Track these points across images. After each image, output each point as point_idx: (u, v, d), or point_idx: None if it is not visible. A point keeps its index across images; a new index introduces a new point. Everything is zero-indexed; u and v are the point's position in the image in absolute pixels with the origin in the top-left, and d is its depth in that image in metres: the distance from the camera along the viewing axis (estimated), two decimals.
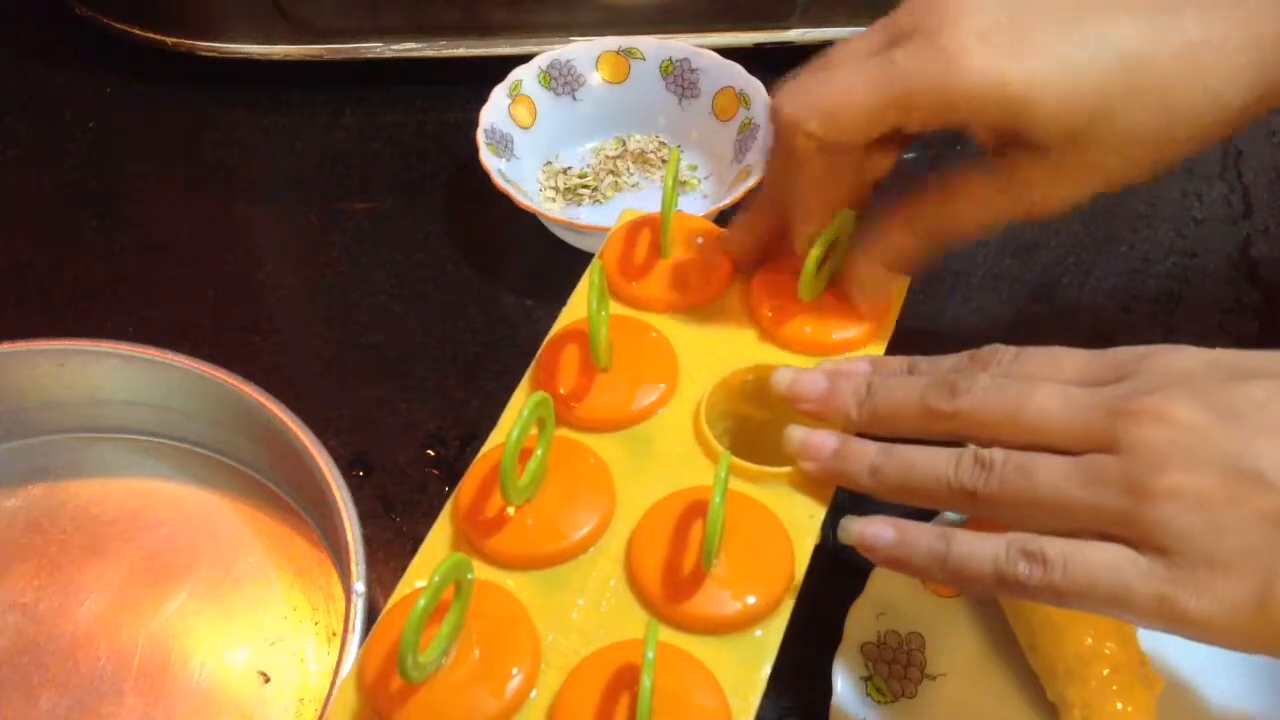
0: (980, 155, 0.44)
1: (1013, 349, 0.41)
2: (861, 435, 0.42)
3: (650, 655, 0.34)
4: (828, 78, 0.42)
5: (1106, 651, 0.44)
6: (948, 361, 0.42)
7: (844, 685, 0.45)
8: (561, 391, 0.44)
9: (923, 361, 0.43)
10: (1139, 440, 0.35)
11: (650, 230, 0.49)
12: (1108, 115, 0.40)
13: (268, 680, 0.49)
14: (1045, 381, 0.38)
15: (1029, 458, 0.37)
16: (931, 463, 0.39)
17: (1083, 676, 0.44)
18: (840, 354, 0.46)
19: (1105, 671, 0.44)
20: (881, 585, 0.48)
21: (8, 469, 0.55)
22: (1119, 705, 0.43)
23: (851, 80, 0.42)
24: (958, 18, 0.40)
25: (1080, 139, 0.41)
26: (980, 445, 0.38)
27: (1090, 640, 0.44)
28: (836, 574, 0.52)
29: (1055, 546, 0.35)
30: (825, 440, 0.42)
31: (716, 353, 0.46)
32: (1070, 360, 0.39)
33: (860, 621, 0.47)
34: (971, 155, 0.44)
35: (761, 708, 0.38)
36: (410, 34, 0.71)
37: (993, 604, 0.48)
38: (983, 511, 0.38)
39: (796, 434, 0.42)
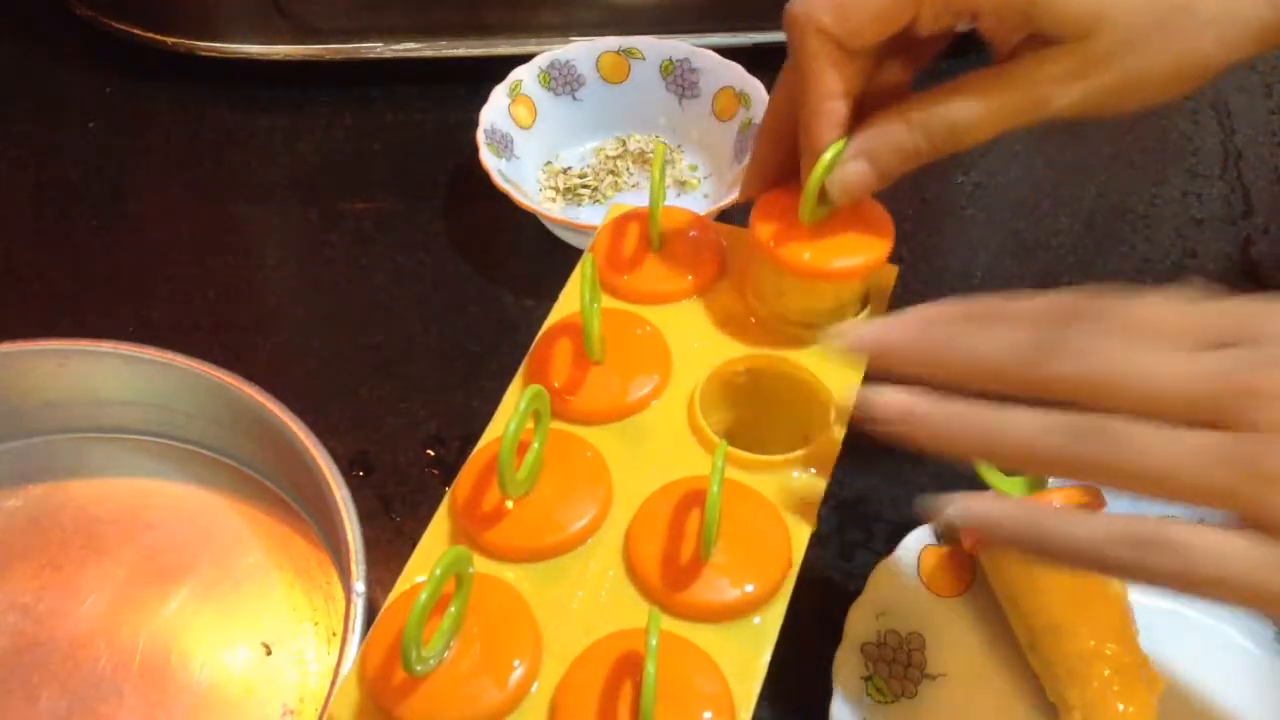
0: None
1: (1104, 295, 0.36)
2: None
3: (653, 643, 0.34)
4: None
5: (1108, 652, 0.44)
6: (1028, 307, 0.37)
7: (844, 685, 0.45)
8: (556, 385, 0.45)
9: (992, 304, 0.38)
10: (1268, 424, 0.32)
11: (639, 224, 0.50)
12: (1128, 6, 0.40)
13: (268, 680, 0.49)
14: (1153, 343, 0.34)
15: (1139, 429, 0.33)
16: (1024, 425, 0.35)
17: (1084, 677, 0.44)
18: (841, 280, 0.45)
19: (1106, 672, 0.44)
20: (881, 585, 0.48)
21: (8, 469, 0.55)
22: (1120, 706, 0.43)
23: None
24: None
25: (1096, 28, 0.40)
26: (1077, 409, 0.35)
27: (1092, 641, 0.44)
28: (836, 573, 0.52)
29: (1182, 533, 0.33)
30: (906, 402, 0.37)
31: (709, 343, 0.47)
32: (1175, 313, 0.35)
33: (860, 621, 0.47)
34: None
35: (761, 708, 0.38)
36: (410, 34, 0.71)
37: (992, 604, 0.48)
38: (1078, 479, 0.35)
39: (880, 395, 0.38)
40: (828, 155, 0.43)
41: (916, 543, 0.48)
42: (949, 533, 0.49)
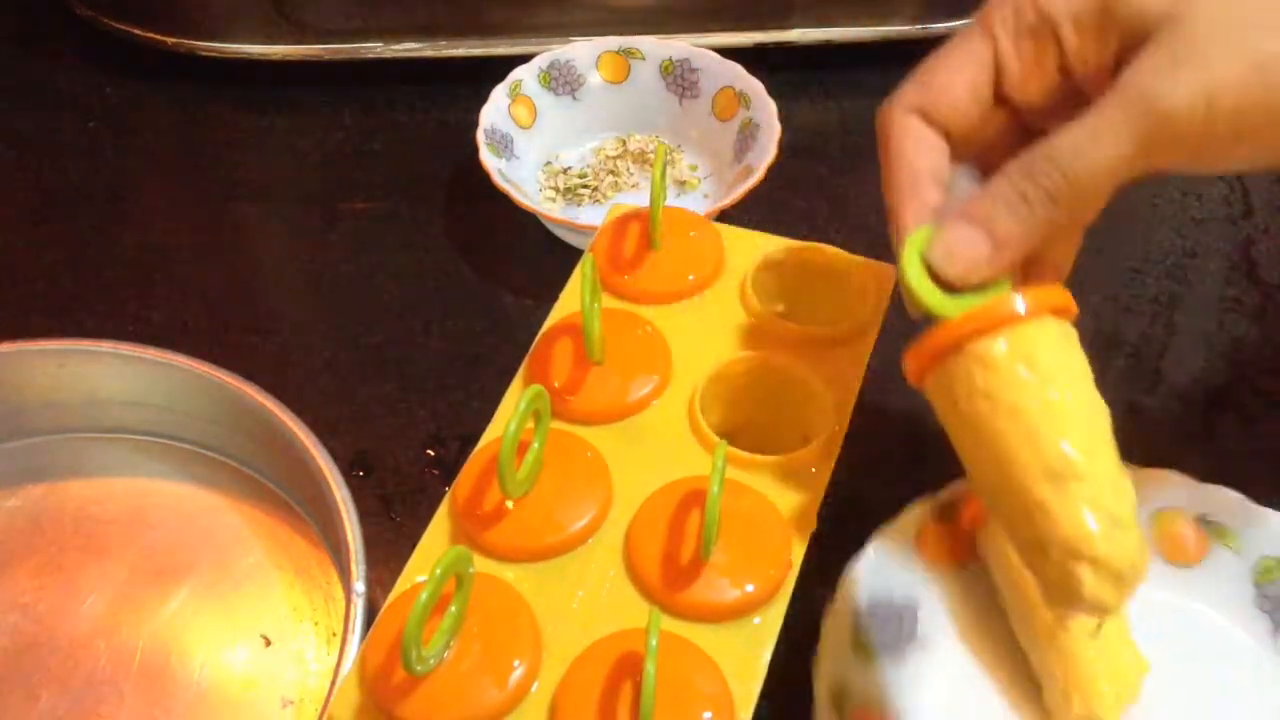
0: None
1: None
2: None
3: (653, 643, 0.34)
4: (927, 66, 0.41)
5: (1096, 631, 0.44)
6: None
7: (831, 639, 0.45)
8: (556, 385, 0.45)
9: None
10: None
11: (640, 223, 0.50)
12: None
13: (266, 672, 0.49)
14: None
15: None
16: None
17: (1073, 655, 0.44)
18: None
19: (1093, 652, 0.44)
20: (879, 550, 0.47)
21: (8, 469, 0.55)
22: (1105, 687, 0.43)
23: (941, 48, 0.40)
24: None
25: (1182, 7, 0.35)
26: None
27: (1081, 618, 0.44)
28: (836, 573, 0.52)
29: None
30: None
31: (709, 343, 0.47)
32: None
33: (855, 581, 0.46)
34: None
35: (761, 708, 0.38)
36: (410, 34, 0.71)
37: (986, 582, 0.48)
38: None
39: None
40: (919, 234, 0.39)
41: (913, 521, 0.48)
42: (947, 511, 0.49)
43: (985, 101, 0.40)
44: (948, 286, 0.38)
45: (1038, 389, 0.36)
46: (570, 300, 0.49)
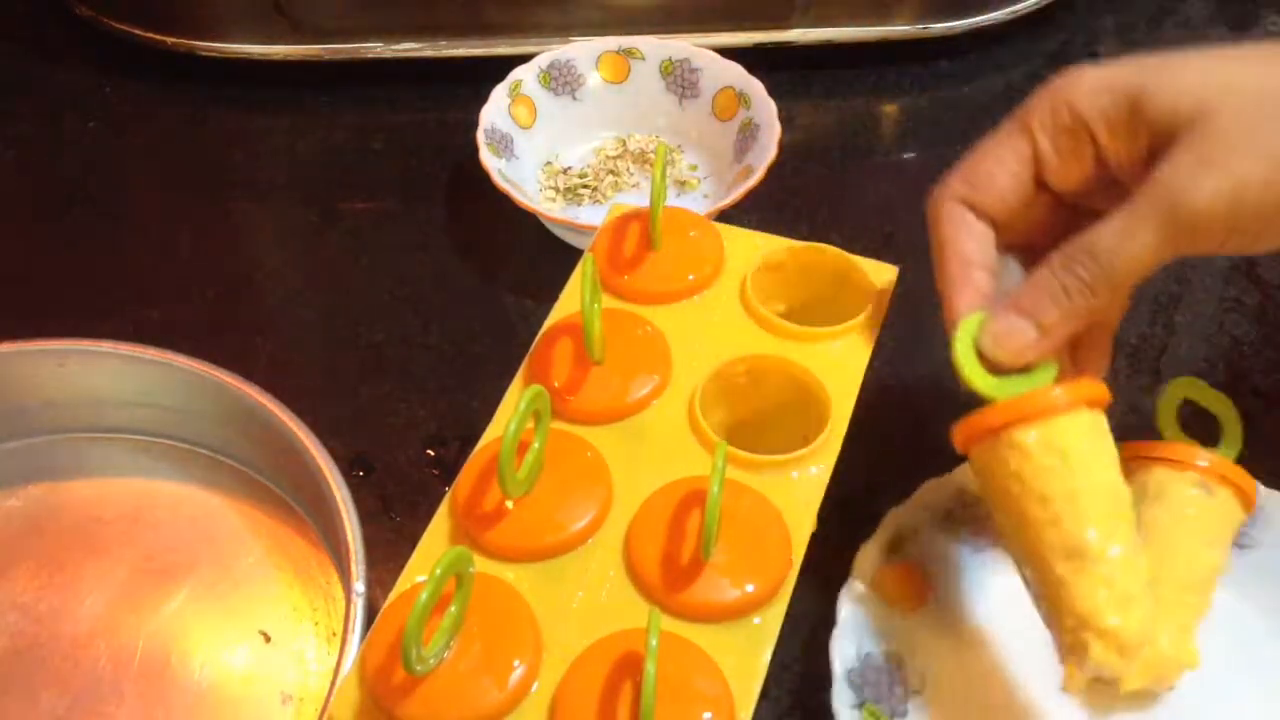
0: None
1: None
2: None
3: (653, 643, 0.34)
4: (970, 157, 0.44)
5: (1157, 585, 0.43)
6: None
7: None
8: (556, 385, 0.45)
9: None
10: None
11: (640, 223, 0.50)
12: (1244, 83, 0.38)
13: (266, 669, 0.49)
14: None
15: None
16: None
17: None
18: None
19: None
20: (850, 611, 0.47)
21: (8, 469, 0.55)
22: (1165, 640, 0.42)
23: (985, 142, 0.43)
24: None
25: (1209, 109, 0.38)
26: None
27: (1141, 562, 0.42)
28: (836, 573, 0.52)
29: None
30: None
31: (709, 344, 0.47)
32: None
33: (841, 651, 0.46)
34: None
35: (761, 708, 0.38)
36: (410, 34, 0.71)
37: (955, 613, 0.48)
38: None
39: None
40: (970, 321, 0.42)
41: (869, 564, 0.48)
42: (893, 548, 0.49)
43: (1028, 192, 0.43)
44: (996, 369, 0.42)
45: (1064, 478, 0.40)
46: (570, 300, 0.49)
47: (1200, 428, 0.49)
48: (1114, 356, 0.46)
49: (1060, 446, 0.40)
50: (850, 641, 0.46)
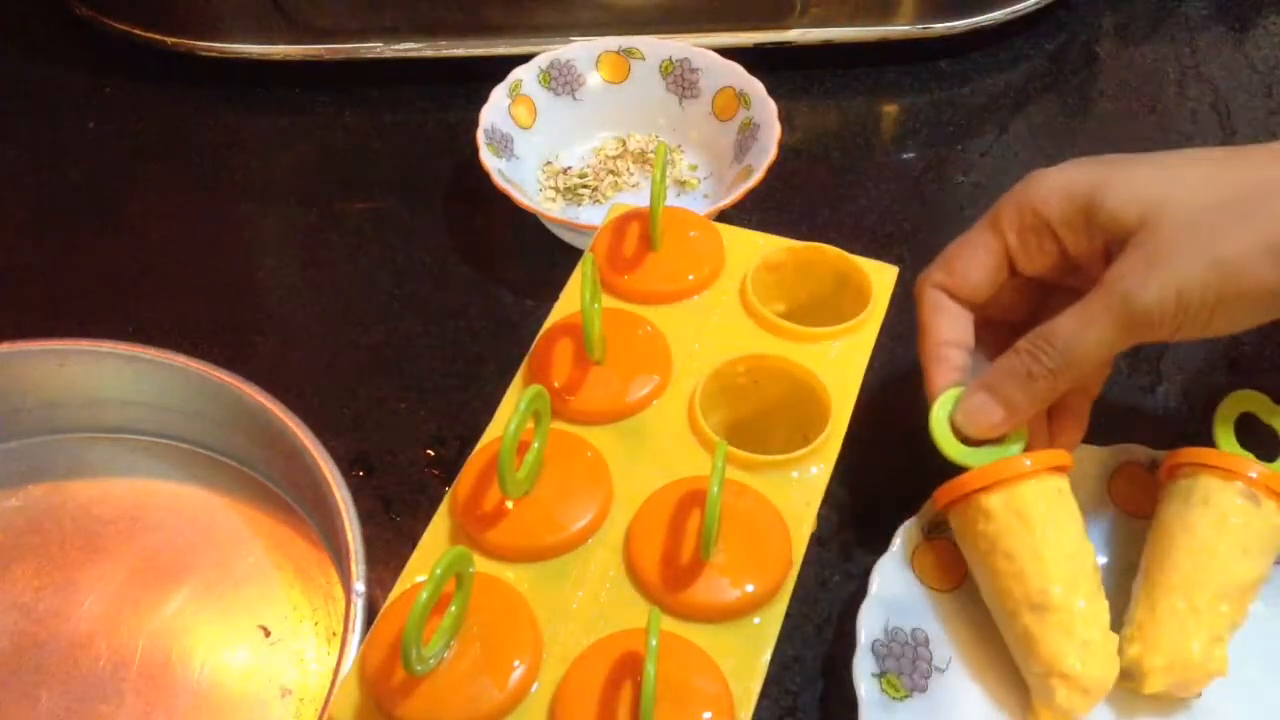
0: None
1: None
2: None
3: (653, 643, 0.34)
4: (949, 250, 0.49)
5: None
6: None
7: (863, 687, 0.45)
8: (556, 384, 0.45)
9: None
10: None
11: (640, 223, 0.50)
12: (1187, 191, 0.43)
13: (267, 680, 0.49)
14: None
15: None
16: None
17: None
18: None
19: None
20: (882, 582, 0.48)
21: (8, 469, 0.55)
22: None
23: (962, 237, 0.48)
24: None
25: (1154, 216, 0.43)
26: None
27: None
28: (836, 573, 0.52)
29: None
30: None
31: (709, 344, 0.47)
32: None
33: (868, 621, 0.47)
34: None
35: (761, 708, 0.38)
36: (410, 34, 0.71)
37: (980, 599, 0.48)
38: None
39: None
40: (947, 396, 0.47)
41: (909, 540, 0.48)
42: (933, 526, 0.49)
43: (1001, 279, 0.48)
44: (969, 441, 0.47)
45: (1026, 538, 0.45)
46: (570, 300, 0.49)
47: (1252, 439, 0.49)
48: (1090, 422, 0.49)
49: (1022, 509, 0.45)
50: (879, 614, 0.47)
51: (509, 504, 0.41)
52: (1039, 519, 0.45)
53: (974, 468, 0.46)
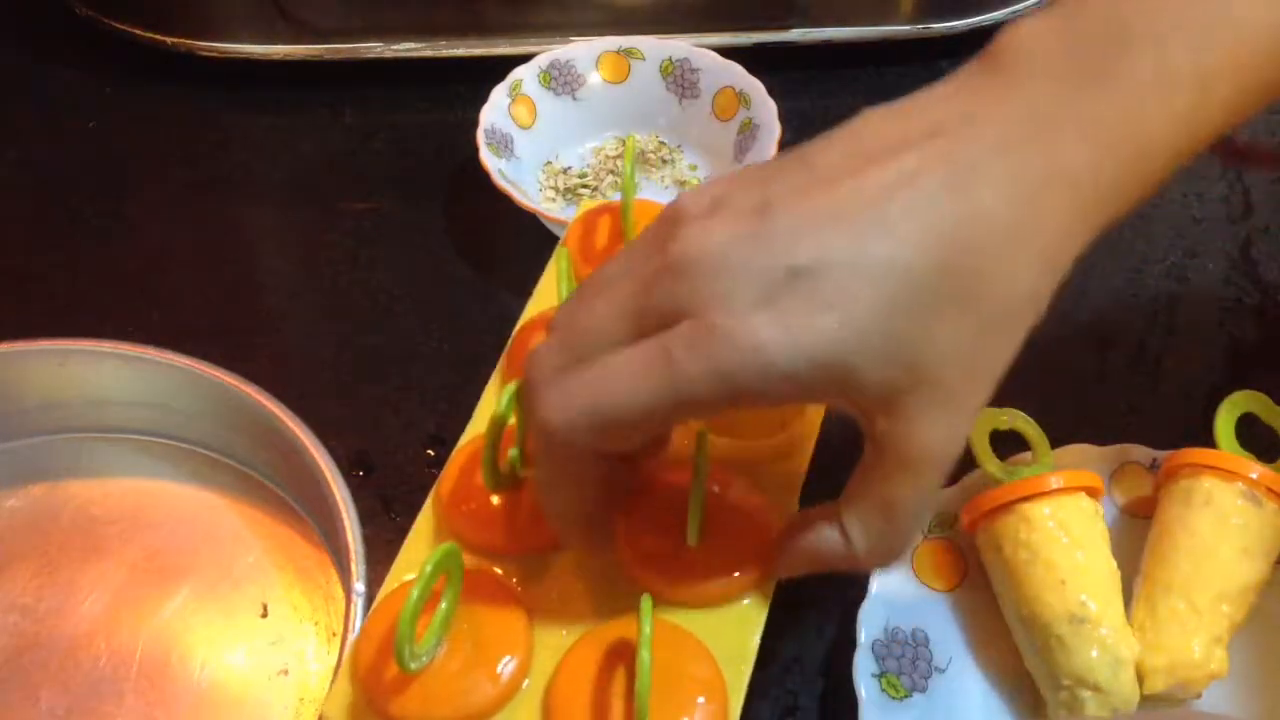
0: None
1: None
2: None
3: (647, 630, 0.34)
4: (598, 377, 0.34)
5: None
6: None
7: (864, 687, 0.45)
8: None
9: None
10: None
11: (611, 217, 0.50)
12: (928, 337, 0.33)
13: (268, 679, 0.49)
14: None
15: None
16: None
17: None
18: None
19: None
20: (883, 582, 0.48)
21: (8, 469, 0.55)
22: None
23: (631, 387, 0.33)
24: (721, 284, 0.32)
25: (919, 365, 0.33)
26: None
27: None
28: (835, 573, 0.52)
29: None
30: None
31: None
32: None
33: (868, 620, 0.47)
34: None
35: (761, 708, 0.38)
36: (410, 34, 0.71)
37: (987, 596, 0.48)
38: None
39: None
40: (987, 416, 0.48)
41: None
42: (933, 526, 0.49)
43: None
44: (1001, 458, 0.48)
45: (1068, 550, 0.46)
46: (546, 294, 0.49)
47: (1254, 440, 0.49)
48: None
49: (1065, 521, 0.46)
50: (880, 614, 0.47)
51: (494, 500, 0.41)
52: (1081, 533, 0.46)
53: (1010, 483, 0.47)
